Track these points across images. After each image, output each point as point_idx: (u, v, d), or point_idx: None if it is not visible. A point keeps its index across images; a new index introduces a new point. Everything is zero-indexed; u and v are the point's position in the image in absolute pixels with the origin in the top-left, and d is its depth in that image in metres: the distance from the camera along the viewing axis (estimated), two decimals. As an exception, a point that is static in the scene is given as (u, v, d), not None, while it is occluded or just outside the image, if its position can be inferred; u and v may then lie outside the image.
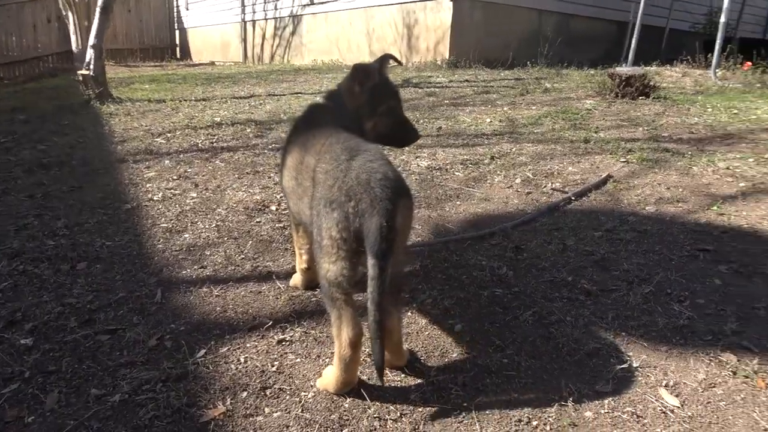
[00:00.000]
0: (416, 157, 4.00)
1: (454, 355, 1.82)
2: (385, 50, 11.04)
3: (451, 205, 3.12)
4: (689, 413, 1.56)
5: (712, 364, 1.77)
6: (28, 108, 6.71)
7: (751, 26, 14.44)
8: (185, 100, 6.84)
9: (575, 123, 4.99)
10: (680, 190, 3.28)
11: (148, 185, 3.60)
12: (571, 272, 2.33)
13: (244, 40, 15.15)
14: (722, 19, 7.28)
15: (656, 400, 1.61)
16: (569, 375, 1.71)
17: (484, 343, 1.88)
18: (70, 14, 9.37)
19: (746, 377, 1.71)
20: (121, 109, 6.28)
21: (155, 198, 3.35)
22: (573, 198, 3.14)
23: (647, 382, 1.69)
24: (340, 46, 12.25)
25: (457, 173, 3.67)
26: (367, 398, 1.61)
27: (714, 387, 1.67)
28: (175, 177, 3.74)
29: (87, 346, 1.90)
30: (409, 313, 2.06)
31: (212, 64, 15.01)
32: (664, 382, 1.68)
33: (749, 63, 8.02)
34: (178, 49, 18.29)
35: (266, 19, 14.29)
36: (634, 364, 1.75)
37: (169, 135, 4.97)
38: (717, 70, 7.59)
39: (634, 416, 1.55)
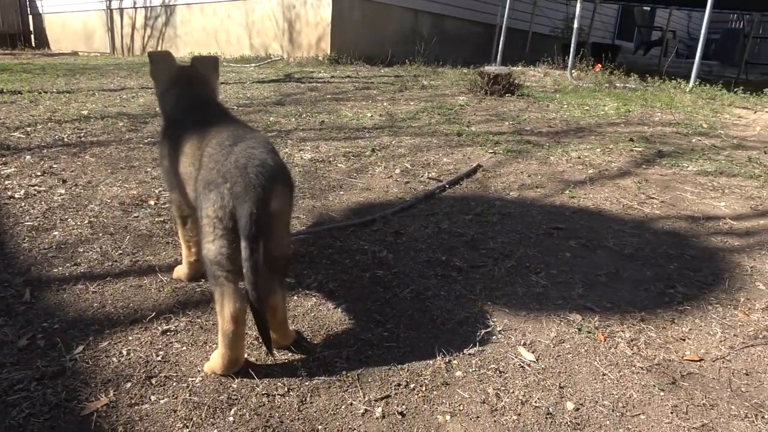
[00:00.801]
0: (300, 150, 4.07)
1: (339, 332, 1.93)
2: (267, 45, 10.95)
3: (334, 195, 3.23)
4: (543, 366, 1.80)
5: (562, 323, 2.04)
6: None
7: (602, 32, 16.11)
8: (46, 92, 6.31)
9: (449, 118, 5.32)
10: (539, 177, 3.66)
11: (6, 182, 3.32)
12: (445, 252, 2.54)
13: (111, 29, 14.17)
14: (575, 24, 8.08)
15: (516, 357, 1.83)
16: (442, 342, 1.89)
17: (367, 319, 2.01)
18: None
19: (589, 333, 1.99)
20: (-32, 101, 5.65)
21: (17, 195, 3.10)
22: (447, 186, 3.38)
23: (508, 342, 1.91)
24: (218, 39, 11.89)
25: (339, 165, 3.79)
26: (256, 377, 1.67)
27: (563, 342, 1.93)
28: (38, 173, 3.48)
29: (-55, 351, 1.77)
30: (296, 297, 2.14)
31: (75, 54, 13.87)
32: (523, 342, 1.92)
33: (600, 65, 8.98)
34: (32, 36, 16.66)
35: (135, 8, 13.48)
36: (498, 329, 1.97)
37: (28, 129, 4.58)
38: (573, 71, 8.42)
39: (497, 372, 1.75)
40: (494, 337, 1.93)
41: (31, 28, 16.74)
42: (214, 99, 2.21)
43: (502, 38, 9.81)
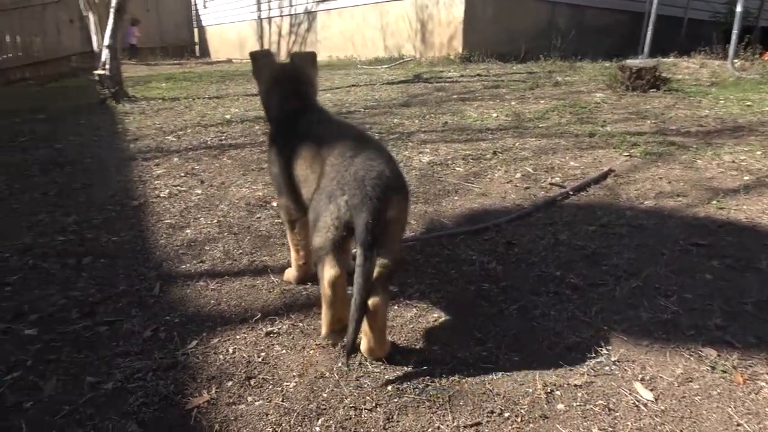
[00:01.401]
0: (419, 153, 4.04)
1: (436, 347, 1.86)
2: (400, 46, 11.11)
3: (448, 201, 3.16)
4: (662, 407, 1.58)
5: (691, 358, 1.78)
6: (48, 108, 6.90)
7: (775, 15, 14.08)
8: (199, 98, 6.97)
9: (582, 117, 4.97)
10: (681, 184, 3.26)
11: (156, 182, 3.70)
12: (560, 267, 2.35)
13: (261, 38, 15.30)
14: (738, 8, 7.13)
15: (630, 394, 1.63)
16: (546, 368, 1.74)
17: (467, 336, 1.91)
18: (90, 15, 9.55)
19: (725, 372, 1.72)
20: (136, 107, 6.42)
21: (162, 195, 3.44)
22: (571, 192, 3.15)
23: (623, 375, 1.71)
24: (355, 42, 12.30)
25: (457, 168, 3.70)
26: (345, 388, 1.67)
27: (691, 381, 1.69)
28: (182, 174, 3.83)
29: (86, 336, 1.99)
30: (396, 307, 2.11)
31: (229, 61, 15.18)
32: (641, 376, 1.70)
33: (769, 53, 7.86)
34: (197, 47, 18.54)
35: (282, 16, 14.40)
36: (613, 358, 1.78)
37: (180, 133, 5.08)
38: (735, 61, 7.46)
39: (606, 409, 1.57)
40: (607, 367, 1.74)
41: (196, 40, 18.66)
42: (314, 98, 2.26)
43: (650, 27, 8.95)
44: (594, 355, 1.79)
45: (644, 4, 10.44)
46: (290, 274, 2.33)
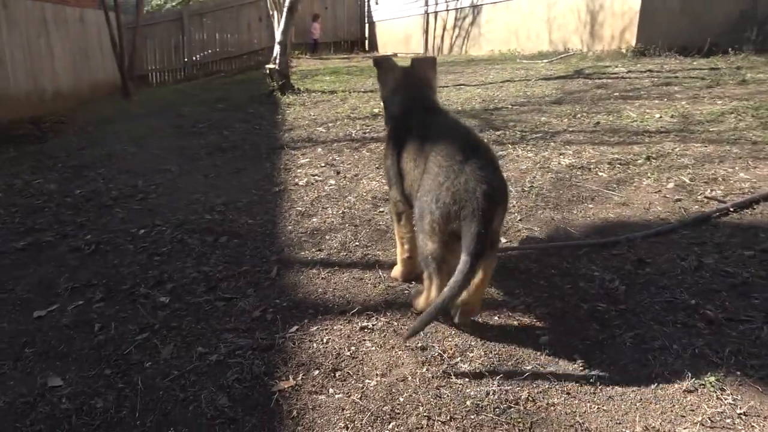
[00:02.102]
0: (560, 154, 3.79)
1: (529, 367, 1.73)
2: (566, 39, 10.52)
3: (580, 208, 2.91)
4: (796, 480, 1.30)
5: None
6: (228, 98, 7.73)
7: None
8: (355, 92, 7.27)
9: (767, 121, 4.26)
10: None
11: (298, 171, 3.95)
12: (698, 295, 2.04)
13: (426, 32, 15.49)
14: None
15: (754, 457, 1.37)
16: (653, 410, 1.53)
17: (568, 359, 1.75)
18: (275, 13, 10.49)
19: None
20: (298, 99, 6.91)
21: (300, 183, 3.66)
22: (731, 209, 2.72)
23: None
24: (519, 36, 11.91)
25: (600, 173, 3.40)
26: (422, 396, 1.63)
27: None
28: (322, 164, 4.04)
29: (206, 309, 2.19)
30: (497, 317, 2.00)
31: (394, 55, 15.62)
32: (773, 438, 1.42)
33: None
34: (366, 42, 19.37)
35: (447, 10, 14.43)
36: (739, 410, 1.50)
37: (330, 125, 5.35)
38: None
39: (718, 469, 1.34)
40: (729, 420, 1.47)
41: (366, 35, 19.51)
42: (435, 100, 2.24)
43: None
44: (716, 403, 1.53)
45: None
46: (397, 271, 2.33)
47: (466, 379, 1.69)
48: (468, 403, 1.59)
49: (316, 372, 1.78)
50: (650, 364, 1.70)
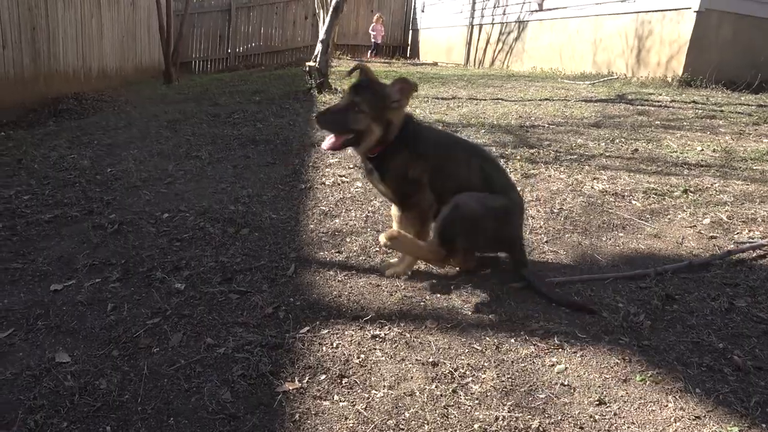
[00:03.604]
0: (593, 179, 3.69)
1: (542, 395, 1.66)
2: (611, 62, 10.34)
3: (610, 236, 2.82)
4: None
5: None
6: (264, 92, 7.78)
7: None
8: (391, 96, 7.23)
9: (815, 164, 4.09)
10: None
11: (326, 170, 3.93)
12: (727, 339, 1.94)
13: (468, 44, 15.40)
14: None
15: None
16: (670, 455, 1.45)
17: (582, 392, 1.68)
18: (321, 12, 10.55)
19: None
20: (334, 98, 6.90)
21: (326, 182, 3.64)
22: (769, 252, 2.60)
23: (773, 494, 1.35)
24: (562, 55, 11.76)
25: (634, 202, 3.29)
26: (429, 413, 1.57)
27: None
28: (350, 165, 4.01)
29: (219, 300, 2.18)
30: (513, 340, 1.93)
31: (435, 64, 15.55)
32: (798, 502, 1.32)
33: None
34: (408, 48, 19.37)
35: (492, 24, 14.33)
36: (763, 469, 1.41)
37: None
38: None
39: None
40: (751, 478, 1.39)
41: (408, 41, 19.52)
42: None
43: None
44: (737, 458, 1.44)
45: None
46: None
47: (476, 401, 1.63)
48: (476, 426, 1.53)
49: (323, 377, 1.74)
50: (670, 407, 1.62)
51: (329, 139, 2.23)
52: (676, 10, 8.83)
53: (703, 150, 4.48)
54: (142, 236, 2.76)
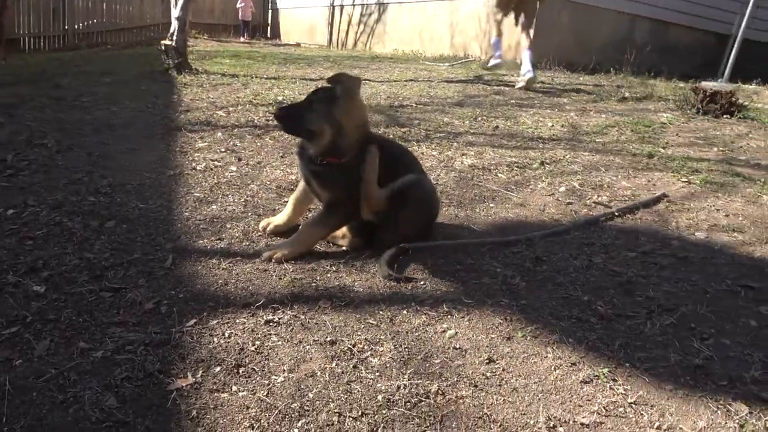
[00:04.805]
0: (462, 155, 3.89)
1: (437, 361, 1.74)
2: (467, 45, 10.91)
3: (482, 207, 3.01)
4: (677, 463, 1.42)
5: (718, 411, 1.59)
6: (116, 72, 7.12)
7: None
8: (257, 77, 7.01)
9: (644, 136, 4.69)
10: (740, 219, 2.99)
11: (195, 155, 3.71)
12: (589, 292, 2.18)
13: (331, 24, 15.34)
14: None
15: (642, 442, 1.47)
16: (554, 401, 1.59)
17: (474, 354, 1.79)
18: (172, -13, 9.84)
19: (755, 433, 1.52)
20: (195, 80, 6.52)
21: (198, 168, 3.45)
22: (616, 214, 2.94)
23: (638, 420, 1.54)
24: (422, 37, 12.17)
25: (500, 175, 3.54)
26: (332, 391, 1.58)
27: (714, 438, 1.51)
28: (222, 149, 3.84)
29: (89, 300, 1.98)
30: (405, 312, 2.00)
31: (298, 45, 15.31)
32: (657, 424, 1.53)
33: None
34: (269, 28, 18.80)
35: (354, 5, 14.40)
36: (629, 399, 1.61)
37: (230, 109, 5.11)
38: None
39: (612, 456, 1.42)
40: (621, 409, 1.57)
41: (269, 21, 18.94)
42: None
43: (734, 50, 8.44)
44: (609, 393, 1.63)
45: (731, 26, 9.83)
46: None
47: (377, 373, 1.66)
48: (379, 398, 1.56)
49: (218, 368, 1.66)
50: (549, 357, 1.78)
51: None
52: (522, -4, 9.49)
53: (553, 126, 4.92)
54: (-16, 237, 2.41)
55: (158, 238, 2.48)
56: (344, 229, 2.48)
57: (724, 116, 5.56)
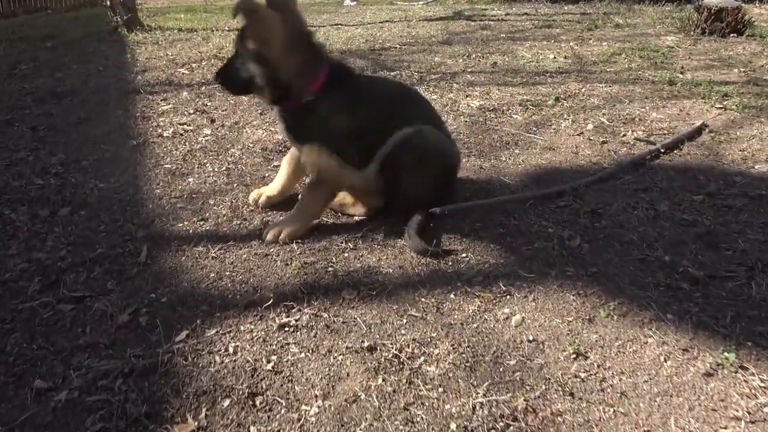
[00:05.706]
0: (467, 96, 3.42)
1: (513, 362, 1.34)
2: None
3: (508, 154, 2.58)
4: None
5: None
6: (58, 35, 6.36)
7: None
8: (218, 30, 6.34)
9: (656, 62, 4.26)
10: (799, 145, 2.62)
11: (160, 119, 3.17)
12: (669, 249, 1.78)
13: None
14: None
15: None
16: (678, 407, 1.21)
17: (555, 348, 1.39)
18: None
19: None
20: (149, 37, 5.83)
21: (165, 134, 2.92)
22: (662, 150, 2.54)
23: (791, 422, 1.17)
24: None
25: (515, 116, 3.09)
26: (388, 420, 1.17)
27: None
28: (191, 111, 3.30)
29: (44, 317, 1.52)
30: (452, 296, 1.58)
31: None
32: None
33: None
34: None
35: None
36: (761, 399, 1.23)
37: (194, 65, 4.51)
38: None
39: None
40: (767, 409, 1.20)
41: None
42: None
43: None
44: (744, 388, 1.25)
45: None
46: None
47: (440, 389, 1.25)
48: (453, 426, 1.16)
49: (227, 402, 1.23)
50: (651, 342, 1.39)
51: None
52: None
53: (555, 57, 4.45)
54: None
55: (126, 224, 1.99)
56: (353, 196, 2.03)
57: (732, 35, 5.15)
